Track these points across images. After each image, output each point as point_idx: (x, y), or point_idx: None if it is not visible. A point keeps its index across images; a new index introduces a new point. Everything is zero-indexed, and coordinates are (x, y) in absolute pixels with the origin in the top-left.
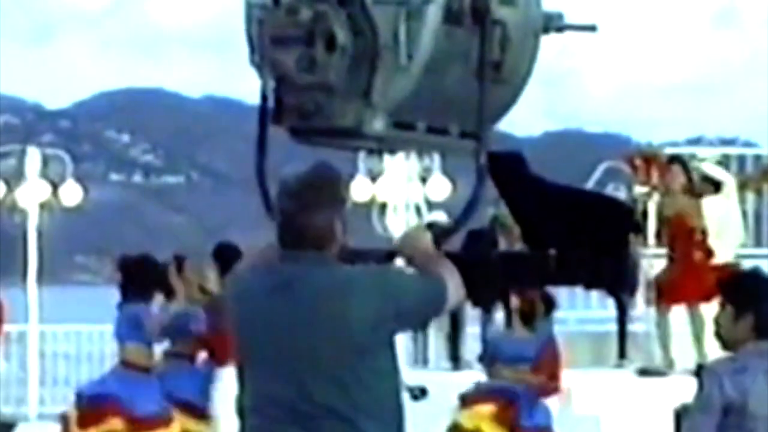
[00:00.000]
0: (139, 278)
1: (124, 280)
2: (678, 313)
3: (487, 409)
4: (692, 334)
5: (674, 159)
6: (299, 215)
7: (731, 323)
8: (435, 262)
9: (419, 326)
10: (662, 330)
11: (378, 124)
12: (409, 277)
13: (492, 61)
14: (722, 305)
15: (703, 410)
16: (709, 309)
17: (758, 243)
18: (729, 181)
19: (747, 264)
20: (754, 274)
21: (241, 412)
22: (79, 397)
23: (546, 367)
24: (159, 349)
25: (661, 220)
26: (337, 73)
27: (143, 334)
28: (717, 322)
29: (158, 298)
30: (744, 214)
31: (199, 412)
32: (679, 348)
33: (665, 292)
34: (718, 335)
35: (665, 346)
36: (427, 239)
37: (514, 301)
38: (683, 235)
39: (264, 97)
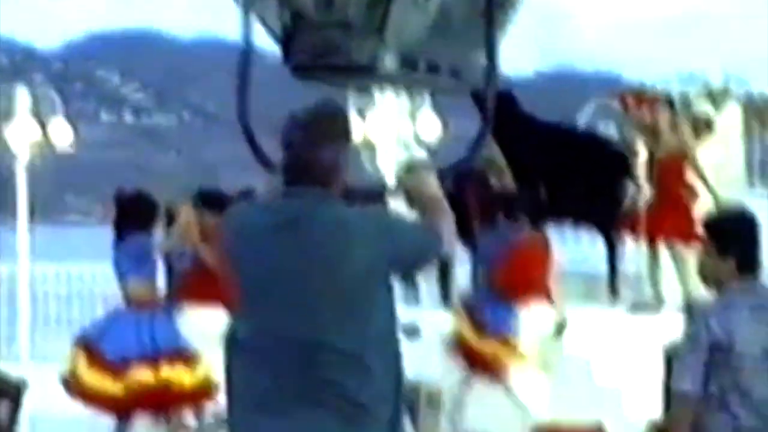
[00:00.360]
0: (140, 212)
1: (121, 215)
2: (665, 252)
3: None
4: (676, 271)
5: (662, 98)
6: (308, 149)
7: (715, 262)
8: (437, 208)
9: (410, 272)
10: (651, 267)
11: (390, 62)
12: (409, 225)
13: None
14: (705, 244)
15: (691, 349)
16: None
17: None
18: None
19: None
20: (736, 213)
21: (232, 346)
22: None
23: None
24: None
25: (652, 159)
26: (355, 10)
27: (147, 269)
28: (701, 261)
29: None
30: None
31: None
32: (669, 285)
33: (653, 231)
34: (702, 274)
35: (655, 283)
36: (433, 183)
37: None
38: (671, 173)
39: (247, 40)
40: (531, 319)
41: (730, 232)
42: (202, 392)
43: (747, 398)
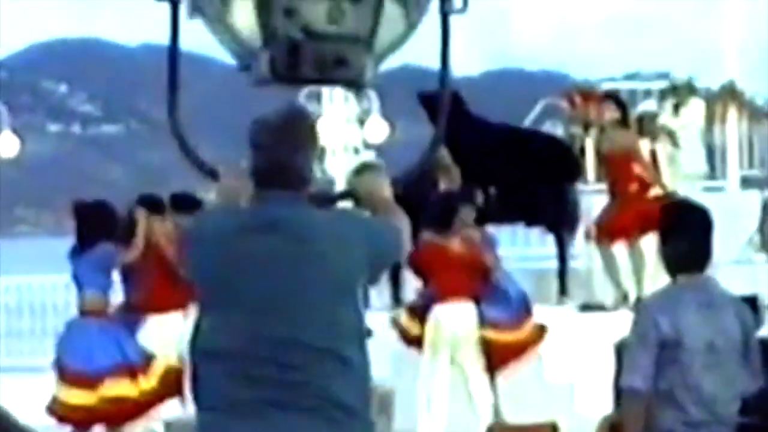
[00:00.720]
0: (101, 222)
1: (82, 225)
2: (619, 248)
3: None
4: (631, 268)
5: (607, 95)
6: (283, 153)
7: (664, 254)
8: (393, 210)
9: (381, 273)
10: (609, 266)
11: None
12: (384, 226)
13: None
14: (659, 236)
15: (639, 346)
16: (649, 243)
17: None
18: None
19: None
20: (686, 205)
21: (198, 351)
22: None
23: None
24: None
25: (600, 156)
26: (361, 24)
27: (106, 279)
28: (657, 251)
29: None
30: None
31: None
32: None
33: (606, 229)
34: (667, 266)
35: (616, 282)
36: (386, 186)
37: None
38: (620, 169)
39: (174, 39)
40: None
41: (676, 224)
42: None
43: (695, 393)
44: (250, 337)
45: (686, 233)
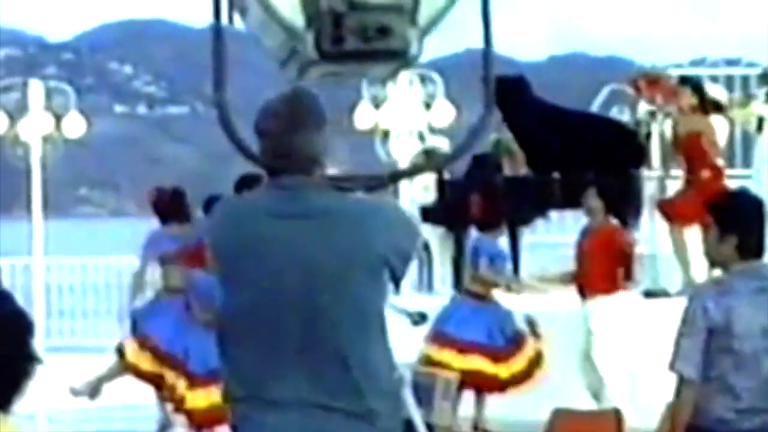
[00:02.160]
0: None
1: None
2: (692, 234)
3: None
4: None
5: (684, 80)
6: (286, 138)
7: (716, 243)
8: None
9: (403, 269)
10: (680, 251)
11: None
12: (412, 226)
13: None
14: (708, 225)
15: (689, 333)
16: None
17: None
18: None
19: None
20: (740, 194)
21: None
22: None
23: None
24: None
25: (676, 141)
26: None
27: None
28: (705, 241)
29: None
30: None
31: None
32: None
33: (679, 214)
34: (707, 254)
35: (685, 267)
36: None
37: (474, 208)
38: (695, 154)
39: (218, 17)
40: None
41: (730, 213)
42: None
43: (749, 379)
44: (272, 320)
45: (738, 222)
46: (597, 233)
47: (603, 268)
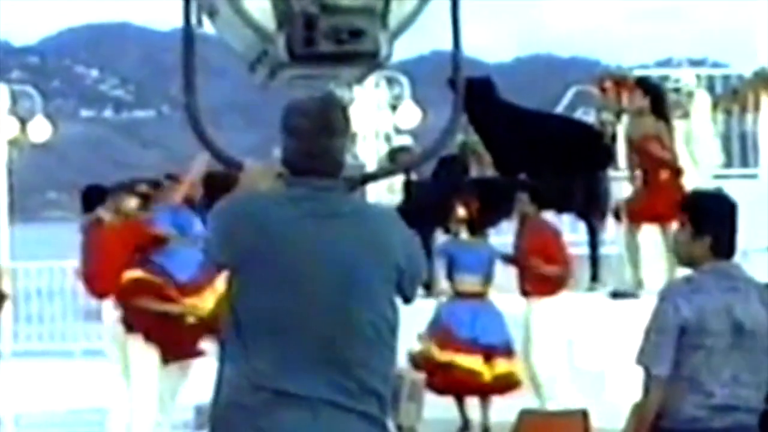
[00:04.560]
0: None
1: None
2: (648, 234)
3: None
4: (665, 253)
5: (639, 81)
6: (323, 140)
7: (689, 242)
8: None
9: (412, 289)
10: (631, 250)
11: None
12: (417, 243)
13: None
14: (682, 224)
15: (659, 331)
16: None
17: (728, 164)
18: (703, 102)
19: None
20: (715, 195)
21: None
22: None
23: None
24: None
25: (630, 142)
26: None
27: None
28: (676, 240)
29: None
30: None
31: None
32: (650, 269)
33: (634, 213)
34: (677, 253)
35: (635, 266)
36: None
37: (461, 211)
38: (650, 155)
39: (188, 20)
40: None
41: (705, 213)
42: None
43: (721, 376)
44: (294, 317)
45: (712, 221)
46: (532, 234)
47: (540, 269)
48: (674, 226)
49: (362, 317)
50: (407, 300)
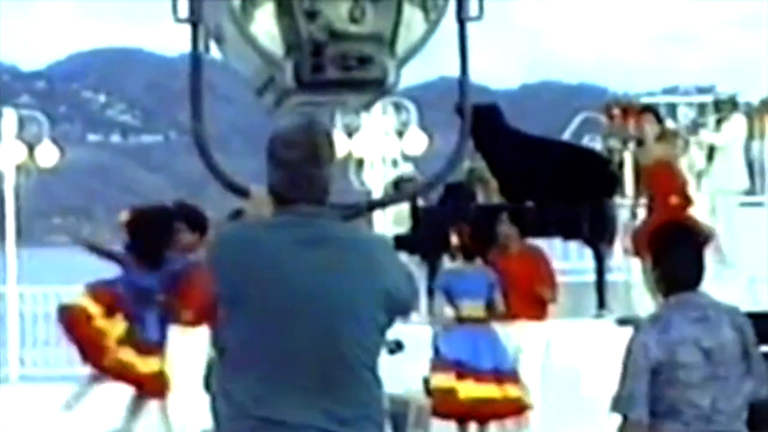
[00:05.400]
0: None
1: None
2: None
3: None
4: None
5: (646, 108)
6: (308, 168)
7: (650, 274)
8: None
9: (395, 316)
10: (648, 278)
11: (394, 75)
12: (406, 271)
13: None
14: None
15: (632, 376)
16: None
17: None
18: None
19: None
20: (671, 226)
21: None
22: None
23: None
24: None
25: (638, 170)
26: (384, 24)
27: None
28: (644, 273)
29: None
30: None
31: None
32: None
33: (643, 241)
34: (648, 286)
35: (653, 294)
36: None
37: (453, 238)
38: (659, 183)
39: (195, 45)
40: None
41: (655, 247)
42: None
43: (697, 407)
44: (285, 349)
45: (672, 254)
46: (515, 259)
47: (527, 296)
48: None
49: (352, 344)
50: (389, 323)
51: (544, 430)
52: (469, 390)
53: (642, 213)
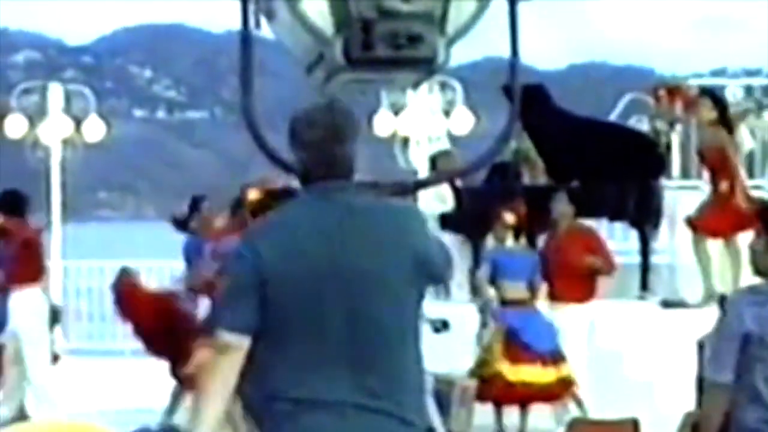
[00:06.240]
0: None
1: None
2: (714, 246)
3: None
4: (729, 265)
5: (704, 92)
6: (335, 148)
7: (764, 252)
8: None
9: (427, 286)
10: (702, 261)
11: (443, 54)
12: (436, 241)
13: None
14: (758, 233)
15: (722, 339)
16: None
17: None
18: None
19: None
20: None
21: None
22: None
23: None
24: None
25: (700, 153)
26: (435, 2)
27: None
28: (752, 249)
29: None
30: None
31: None
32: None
33: (702, 225)
34: (753, 263)
35: (707, 277)
36: None
37: (509, 217)
38: (717, 167)
39: (245, 22)
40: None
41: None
42: None
43: None
44: (316, 322)
45: None
46: (565, 239)
47: (574, 275)
48: (739, 237)
49: (382, 315)
50: (421, 293)
51: (587, 411)
52: (515, 372)
53: (686, 196)
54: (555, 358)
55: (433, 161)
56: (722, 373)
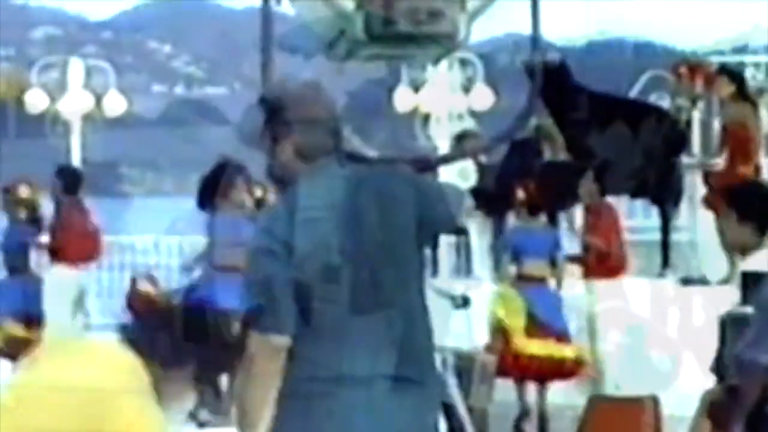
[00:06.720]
0: None
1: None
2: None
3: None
4: None
5: (722, 69)
6: (337, 122)
7: (738, 224)
8: None
9: (431, 237)
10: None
11: (464, 30)
12: (434, 188)
13: None
14: (721, 213)
15: (760, 317)
16: None
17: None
18: None
19: None
20: (756, 183)
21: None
22: None
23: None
24: None
25: (724, 127)
26: None
27: None
28: (721, 227)
29: None
30: None
31: None
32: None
33: (711, 202)
34: (724, 242)
35: (730, 256)
36: None
37: (519, 193)
38: (736, 144)
39: (266, 1)
40: None
41: (748, 200)
42: None
43: None
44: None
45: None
46: (590, 216)
47: (601, 251)
48: None
49: (391, 281)
50: (424, 243)
51: (606, 389)
52: (534, 347)
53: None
54: (568, 335)
55: (458, 140)
56: (760, 353)
